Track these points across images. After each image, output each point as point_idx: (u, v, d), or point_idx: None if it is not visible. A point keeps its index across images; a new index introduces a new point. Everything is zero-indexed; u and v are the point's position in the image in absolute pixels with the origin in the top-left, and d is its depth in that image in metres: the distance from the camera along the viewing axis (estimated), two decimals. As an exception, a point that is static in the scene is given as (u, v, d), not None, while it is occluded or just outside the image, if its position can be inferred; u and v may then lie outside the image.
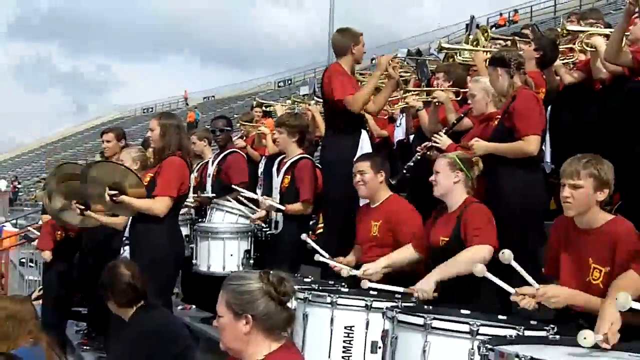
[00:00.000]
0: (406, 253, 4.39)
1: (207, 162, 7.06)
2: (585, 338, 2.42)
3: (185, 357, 4.07)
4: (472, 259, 3.73)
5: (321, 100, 7.06)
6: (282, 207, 5.57)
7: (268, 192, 6.34)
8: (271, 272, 2.65)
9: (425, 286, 3.85)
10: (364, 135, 5.45)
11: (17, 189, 35.45)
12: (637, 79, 4.86)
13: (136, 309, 4.06)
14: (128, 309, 4.07)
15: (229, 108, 49.66)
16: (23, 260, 12.62)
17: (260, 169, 8.35)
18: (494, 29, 42.73)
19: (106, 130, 6.92)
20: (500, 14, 44.64)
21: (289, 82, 56.00)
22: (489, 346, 2.32)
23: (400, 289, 3.88)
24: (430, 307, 3.42)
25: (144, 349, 3.88)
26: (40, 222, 8.58)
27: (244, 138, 8.35)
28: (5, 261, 11.77)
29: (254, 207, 6.15)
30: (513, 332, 2.77)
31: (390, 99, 6.45)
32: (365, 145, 5.39)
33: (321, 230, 6.37)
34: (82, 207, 5.57)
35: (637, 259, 3.00)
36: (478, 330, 2.76)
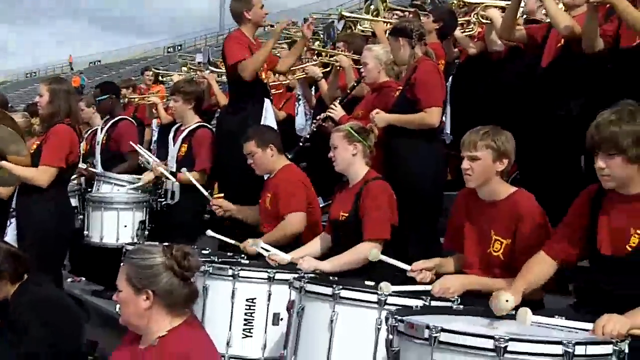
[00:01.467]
0: (316, 243, 4.26)
1: (96, 130, 6.74)
2: (507, 300, 2.50)
3: (77, 330, 3.87)
4: (362, 259, 3.70)
5: (217, 70, 6.94)
6: (172, 178, 5.35)
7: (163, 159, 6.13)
8: (175, 246, 2.54)
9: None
10: (267, 104, 5.37)
11: None
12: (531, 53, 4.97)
13: (18, 287, 3.80)
14: (5, 287, 3.79)
15: (117, 73, 47.96)
16: None
17: (154, 138, 8.13)
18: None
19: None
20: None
21: (179, 47, 54.82)
22: (398, 317, 2.31)
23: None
24: (336, 278, 3.40)
25: (36, 323, 3.63)
26: None
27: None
28: None
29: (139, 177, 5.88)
30: (419, 303, 2.79)
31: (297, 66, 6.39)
32: (269, 115, 5.31)
33: (220, 199, 6.24)
34: None
35: (542, 238, 3.06)
36: (386, 300, 2.75)
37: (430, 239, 4.35)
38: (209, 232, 4.66)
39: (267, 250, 3.98)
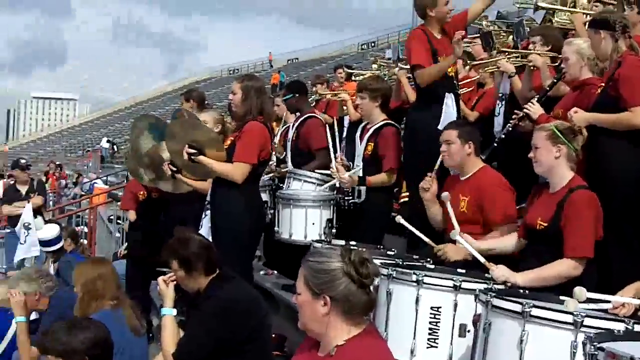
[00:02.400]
0: (510, 241, 4.05)
1: (289, 127, 6.92)
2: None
3: (261, 329, 3.96)
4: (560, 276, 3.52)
5: (406, 67, 6.81)
6: (361, 176, 5.38)
7: (351, 159, 6.15)
8: (353, 251, 2.47)
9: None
10: (448, 98, 5.14)
11: (114, 150, 36.54)
12: None
13: (211, 280, 3.97)
14: (200, 278, 3.97)
15: (313, 70, 49.52)
16: (111, 217, 12.92)
17: (343, 135, 8.17)
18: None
19: (184, 93, 6.90)
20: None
21: (373, 44, 55.34)
22: (597, 344, 2.07)
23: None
24: (527, 291, 3.18)
25: (221, 321, 3.79)
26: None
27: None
28: (94, 217, 12.10)
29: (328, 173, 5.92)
30: (620, 326, 2.51)
31: (480, 62, 6.11)
32: (449, 110, 5.11)
33: (406, 199, 6.16)
34: (174, 169, 5.45)
35: None
36: (582, 322, 2.50)
37: (636, 250, 3.96)
38: (399, 219, 4.54)
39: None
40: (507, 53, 5.69)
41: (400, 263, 3.76)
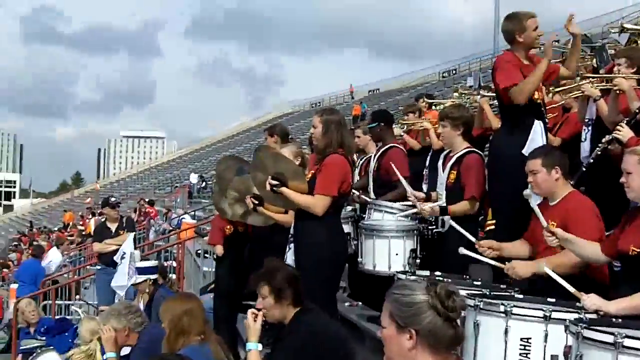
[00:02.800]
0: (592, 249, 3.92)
1: (370, 157, 6.93)
2: None
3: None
4: None
5: (488, 94, 6.74)
6: (444, 206, 5.34)
7: (433, 188, 6.10)
8: (439, 283, 2.43)
9: None
10: (537, 126, 5.04)
11: (204, 184, 37.48)
12: None
13: (295, 313, 3.99)
14: (287, 309, 4.00)
15: (394, 100, 49.59)
16: (199, 251, 13.19)
17: (426, 163, 8.12)
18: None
19: (266, 128, 7.04)
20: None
21: (454, 72, 55.04)
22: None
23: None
24: (620, 320, 3.04)
25: (304, 356, 3.79)
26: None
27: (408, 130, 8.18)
28: (182, 251, 12.36)
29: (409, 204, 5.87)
30: None
31: (564, 87, 5.98)
32: (536, 137, 5.00)
33: (491, 227, 6.04)
34: (256, 202, 5.60)
35: None
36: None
37: None
38: (462, 250, 4.44)
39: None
40: (591, 77, 5.54)
41: (488, 293, 3.68)
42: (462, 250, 4.44)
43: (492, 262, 4.30)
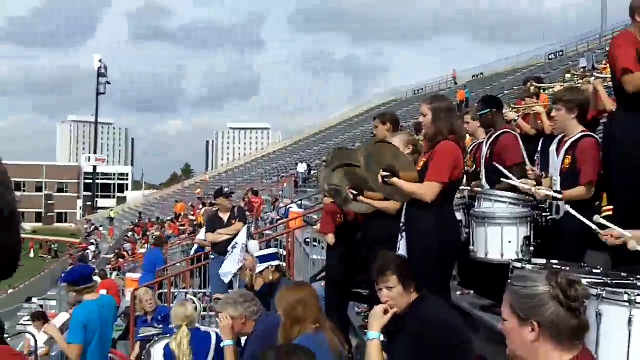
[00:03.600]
0: None
1: (481, 144, 6.81)
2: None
3: (465, 351, 3.92)
4: None
5: (602, 76, 6.48)
6: (559, 196, 5.13)
7: (546, 173, 5.93)
8: (560, 273, 2.39)
9: None
10: None
11: (310, 174, 38.01)
12: None
13: (414, 302, 4.00)
14: (411, 296, 4.02)
15: (499, 84, 48.45)
16: (308, 239, 13.37)
17: (539, 148, 7.92)
18: None
19: (376, 116, 7.04)
20: None
21: (561, 53, 53.16)
22: None
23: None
24: None
25: (425, 342, 3.80)
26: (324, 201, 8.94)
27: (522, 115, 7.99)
28: (292, 240, 12.57)
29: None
30: None
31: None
32: None
33: (608, 212, 5.82)
34: (355, 193, 5.68)
35: None
36: None
37: None
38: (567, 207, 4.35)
39: None
40: None
41: (609, 282, 3.57)
42: (567, 208, 4.36)
43: (609, 224, 4.11)
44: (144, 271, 14.24)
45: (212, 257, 10.47)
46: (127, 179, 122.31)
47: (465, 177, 6.29)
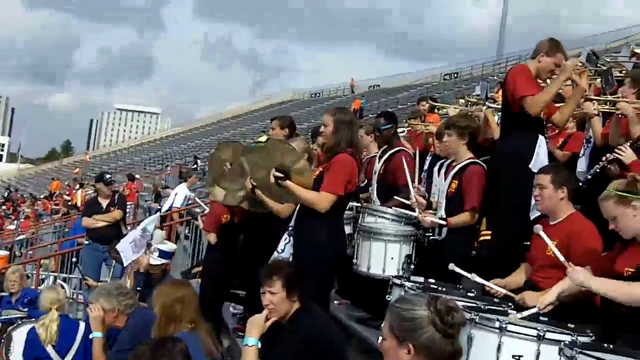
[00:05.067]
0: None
1: (373, 157, 6.92)
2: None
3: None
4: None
5: (494, 106, 6.77)
6: (444, 223, 5.33)
7: (428, 193, 6.10)
8: (440, 299, 2.46)
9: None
10: (542, 141, 5.10)
11: (195, 166, 37.29)
12: None
13: (295, 311, 4.00)
14: (293, 304, 4.02)
15: (394, 98, 49.58)
16: (188, 234, 13.16)
17: (425, 166, 8.16)
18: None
19: (276, 117, 7.00)
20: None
21: (456, 75, 55.12)
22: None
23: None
24: (611, 345, 3.08)
25: (303, 354, 3.81)
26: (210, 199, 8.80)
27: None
28: (173, 234, 12.34)
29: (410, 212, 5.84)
30: None
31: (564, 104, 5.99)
32: (542, 151, 5.04)
33: (486, 237, 6.06)
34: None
35: None
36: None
37: None
38: (452, 266, 4.45)
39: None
40: (595, 99, 5.58)
41: (482, 307, 3.70)
42: (452, 267, 4.47)
43: (501, 290, 4.32)
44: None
45: (87, 242, 10.10)
46: (2, 150, 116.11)
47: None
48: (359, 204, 6.51)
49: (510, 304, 4.01)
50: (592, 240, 4.22)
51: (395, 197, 6.19)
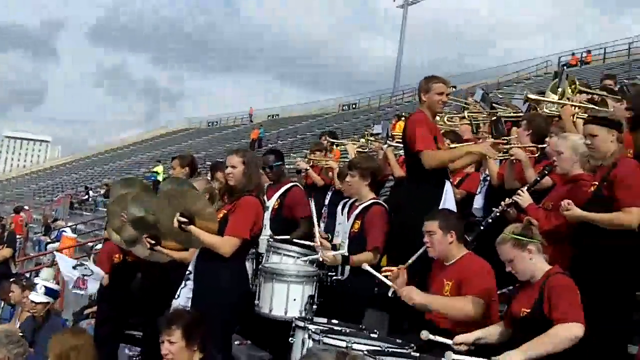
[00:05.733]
0: (499, 329, 4.11)
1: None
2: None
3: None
4: (562, 337, 3.55)
5: (395, 144, 6.92)
6: (346, 254, 5.36)
7: (331, 230, 6.13)
8: (349, 354, 2.43)
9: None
10: (448, 186, 5.24)
11: (87, 196, 36.00)
12: None
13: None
14: (194, 355, 3.90)
15: (293, 127, 49.91)
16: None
17: (326, 201, 8.20)
18: (565, 68, 41.98)
19: (177, 157, 6.86)
20: (573, 54, 43.81)
21: (354, 106, 56.16)
22: None
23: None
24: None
25: None
26: (104, 234, 8.49)
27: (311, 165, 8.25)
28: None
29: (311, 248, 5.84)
30: None
31: (460, 145, 6.17)
32: (449, 197, 5.17)
33: (386, 273, 6.11)
34: (153, 242, 5.44)
35: None
36: None
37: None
38: (365, 266, 4.76)
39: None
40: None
41: (385, 350, 3.72)
42: (365, 267, 4.79)
43: (389, 283, 4.63)
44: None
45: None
46: None
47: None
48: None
49: (412, 345, 4.03)
50: (485, 281, 4.36)
51: (293, 232, 6.19)
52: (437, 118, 6.16)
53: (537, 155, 5.55)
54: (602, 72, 32.42)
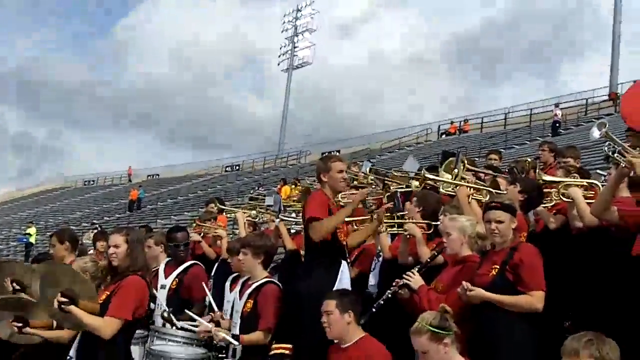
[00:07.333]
0: None
1: (157, 270, 6.55)
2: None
3: None
4: None
5: (288, 219, 6.94)
6: (236, 343, 5.19)
7: (219, 304, 5.96)
8: None
9: None
10: (344, 266, 5.23)
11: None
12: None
13: None
14: None
15: (175, 189, 49.06)
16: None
17: (213, 272, 8.05)
18: (443, 136, 44.06)
19: (54, 233, 6.50)
20: (452, 122, 46.04)
21: (237, 167, 56.11)
22: None
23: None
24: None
25: None
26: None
27: (202, 236, 8.10)
28: None
29: (194, 328, 5.64)
30: None
31: (353, 219, 6.24)
32: (344, 277, 5.17)
33: (278, 351, 5.99)
34: (20, 325, 5.07)
35: None
36: None
37: None
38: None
39: None
40: (385, 222, 5.86)
41: None
42: None
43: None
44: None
45: None
46: None
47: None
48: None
49: None
50: None
51: (186, 310, 5.99)
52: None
53: (429, 232, 5.63)
54: (480, 141, 34.27)
